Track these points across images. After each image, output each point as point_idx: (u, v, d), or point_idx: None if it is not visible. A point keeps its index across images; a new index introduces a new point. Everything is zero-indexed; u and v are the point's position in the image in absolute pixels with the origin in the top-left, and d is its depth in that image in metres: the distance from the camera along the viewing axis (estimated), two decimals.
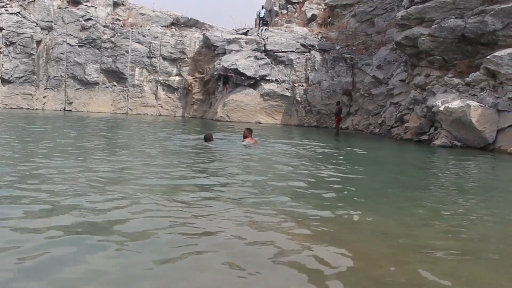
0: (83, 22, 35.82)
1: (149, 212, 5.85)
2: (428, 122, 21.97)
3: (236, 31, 36.46)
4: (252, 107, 32.03)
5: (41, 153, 11.29)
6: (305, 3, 39.71)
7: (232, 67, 31.85)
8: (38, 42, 35.41)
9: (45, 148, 12.52)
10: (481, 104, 18.76)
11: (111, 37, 35.90)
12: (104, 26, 36.06)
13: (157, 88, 36.25)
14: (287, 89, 32.50)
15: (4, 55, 34.78)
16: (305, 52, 33.11)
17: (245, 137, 14.89)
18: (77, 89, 36.03)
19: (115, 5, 37.64)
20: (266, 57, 32.78)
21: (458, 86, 20.62)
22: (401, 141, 22.86)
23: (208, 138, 14.40)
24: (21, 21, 35.08)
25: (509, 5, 19.45)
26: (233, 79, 31.20)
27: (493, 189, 10.31)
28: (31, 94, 35.27)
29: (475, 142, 18.95)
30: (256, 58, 32.50)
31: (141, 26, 36.72)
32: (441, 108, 19.73)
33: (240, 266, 4.22)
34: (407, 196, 8.36)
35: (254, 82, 32.23)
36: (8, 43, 34.77)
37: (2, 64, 34.67)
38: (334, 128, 28.99)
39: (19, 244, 4.51)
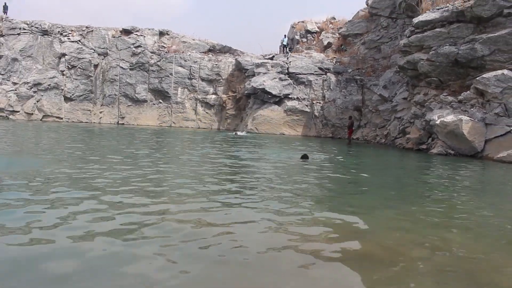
0: (134, 48, 36.93)
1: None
2: (426, 133, 22.04)
3: (264, 56, 37.01)
4: (277, 121, 32.73)
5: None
6: (322, 32, 39.98)
7: (260, 87, 32.64)
8: (96, 66, 36.69)
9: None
10: (471, 119, 18.94)
11: (157, 61, 36.84)
12: (152, 52, 37.04)
13: (196, 105, 36.97)
14: (306, 105, 33.12)
15: (67, 77, 36.06)
16: (322, 74, 33.65)
17: None
18: (128, 105, 37.06)
19: (161, 34, 38.57)
20: (289, 78, 33.44)
21: (452, 103, 20.69)
22: (403, 150, 22.88)
23: (305, 157, 13.11)
24: (81, 48, 36.37)
25: (495, 34, 19.75)
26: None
27: (482, 187, 10.63)
28: (90, 110, 36.48)
29: (466, 151, 19.02)
30: (281, 79, 33.22)
31: (183, 52, 37.54)
32: (438, 122, 19.91)
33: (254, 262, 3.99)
34: (410, 194, 8.47)
35: (279, 100, 32.96)
36: (70, 67, 36.08)
37: (65, 85, 35.96)
38: (346, 138, 29.18)
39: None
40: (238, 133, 27.36)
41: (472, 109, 19.61)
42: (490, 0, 19.94)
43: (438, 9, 22.41)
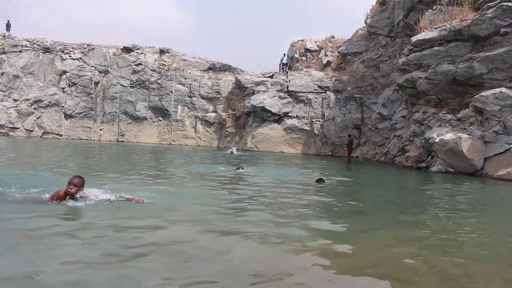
0: (134, 66, 37.10)
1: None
2: (426, 151, 22.07)
3: (263, 75, 36.98)
4: (276, 139, 32.74)
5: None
6: (321, 51, 40.09)
7: (260, 105, 32.70)
8: (96, 83, 36.88)
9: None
10: (471, 136, 18.98)
11: (157, 79, 36.96)
12: (152, 70, 37.19)
13: (196, 123, 36.95)
14: (306, 123, 33.17)
15: (67, 94, 36.25)
16: (322, 93, 33.75)
17: None
18: (128, 123, 37.11)
19: (161, 52, 38.76)
20: (288, 96, 33.53)
21: (451, 121, 20.76)
22: (403, 168, 22.91)
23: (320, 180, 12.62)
24: (82, 65, 36.62)
25: (493, 53, 19.83)
26: None
27: (482, 206, 10.57)
28: (90, 127, 36.56)
29: (465, 169, 19.04)
30: (280, 97, 33.32)
31: (183, 70, 37.61)
32: (437, 140, 19.94)
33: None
34: (410, 214, 8.36)
35: (278, 118, 33.03)
36: (71, 84, 36.30)
37: (65, 102, 36.12)
38: (346, 156, 29.16)
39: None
40: (234, 151, 27.13)
41: (471, 127, 19.67)
42: (487, 19, 20.07)
43: (436, 28, 22.52)
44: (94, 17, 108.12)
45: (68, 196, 6.72)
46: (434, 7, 24.67)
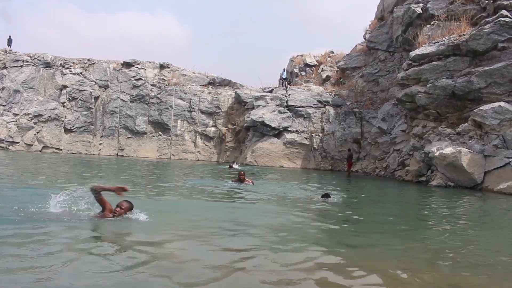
0: (134, 81, 37.27)
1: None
2: (425, 166, 22.00)
3: (263, 89, 37.15)
4: (276, 153, 32.72)
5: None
6: (321, 66, 40.42)
7: (259, 120, 32.79)
8: (96, 98, 37.00)
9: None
10: (470, 150, 18.98)
11: (157, 94, 37.13)
12: (152, 85, 37.37)
13: (196, 137, 37.07)
14: (305, 138, 33.17)
15: (67, 108, 36.33)
16: (321, 107, 33.88)
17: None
18: (128, 137, 37.17)
19: (161, 67, 38.98)
20: (288, 111, 33.62)
21: (450, 135, 20.73)
22: (403, 182, 22.79)
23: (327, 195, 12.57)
24: (82, 80, 36.78)
25: (491, 67, 19.94)
26: None
27: (482, 220, 10.57)
28: (89, 142, 36.61)
29: (465, 183, 19.00)
30: (280, 112, 33.39)
31: (183, 85, 37.86)
32: (436, 154, 19.90)
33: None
34: (411, 229, 8.33)
35: (278, 132, 33.08)
36: (71, 99, 36.40)
37: (65, 116, 36.19)
38: (346, 171, 29.20)
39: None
40: (234, 166, 27.02)
41: (470, 141, 19.69)
42: (484, 35, 20.23)
43: (434, 43, 22.68)
44: (95, 32, 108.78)
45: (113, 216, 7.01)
46: (432, 23, 24.87)
